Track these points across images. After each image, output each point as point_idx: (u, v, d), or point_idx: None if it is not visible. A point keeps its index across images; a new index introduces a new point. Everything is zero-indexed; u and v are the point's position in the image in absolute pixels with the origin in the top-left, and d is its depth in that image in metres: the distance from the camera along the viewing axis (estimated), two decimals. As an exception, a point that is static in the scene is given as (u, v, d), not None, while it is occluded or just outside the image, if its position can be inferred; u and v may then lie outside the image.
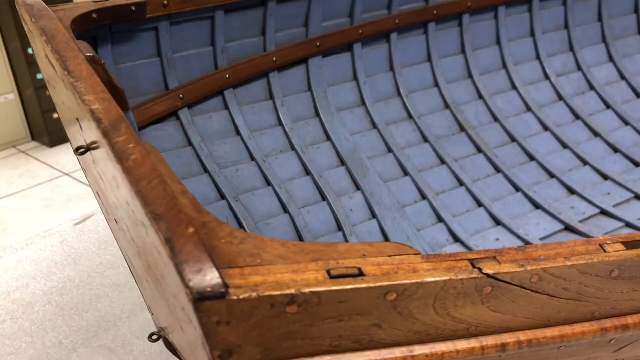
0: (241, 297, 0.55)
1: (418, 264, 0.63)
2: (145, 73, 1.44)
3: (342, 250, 0.63)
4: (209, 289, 0.53)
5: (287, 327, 0.59)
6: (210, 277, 0.54)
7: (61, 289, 1.81)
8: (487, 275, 0.63)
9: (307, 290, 0.57)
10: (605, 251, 0.69)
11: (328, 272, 0.60)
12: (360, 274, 0.60)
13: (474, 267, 0.64)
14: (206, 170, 1.49)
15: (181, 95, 1.48)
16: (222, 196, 1.47)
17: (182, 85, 1.49)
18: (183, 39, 1.49)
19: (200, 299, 0.53)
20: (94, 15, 1.20)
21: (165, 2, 1.35)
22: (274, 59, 1.66)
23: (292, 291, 0.57)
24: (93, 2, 1.23)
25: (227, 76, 1.57)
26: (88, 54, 0.80)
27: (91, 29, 1.25)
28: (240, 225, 1.44)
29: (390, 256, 0.64)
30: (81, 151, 0.86)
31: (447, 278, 0.62)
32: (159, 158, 0.70)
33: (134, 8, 1.28)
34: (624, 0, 2.39)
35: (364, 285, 0.59)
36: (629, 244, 0.71)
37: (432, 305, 0.63)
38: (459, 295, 0.64)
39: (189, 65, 1.52)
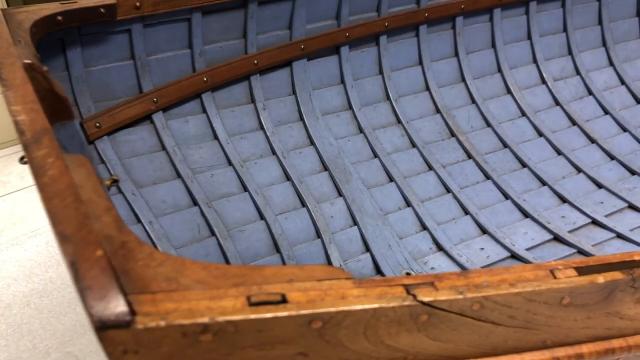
0: (148, 325, 0.52)
1: (347, 290, 0.59)
2: (117, 76, 1.41)
3: (268, 274, 0.60)
4: (112, 317, 0.50)
5: (202, 355, 0.56)
6: (114, 305, 0.51)
7: (41, 291, 1.80)
8: (422, 302, 0.60)
9: (221, 318, 0.54)
10: (555, 277, 0.65)
11: (248, 298, 0.56)
12: (283, 300, 0.57)
13: (408, 293, 0.60)
14: (179, 175, 1.45)
15: (155, 99, 1.45)
16: (195, 202, 1.44)
17: (156, 89, 1.46)
18: (158, 41, 1.45)
19: (103, 328, 0.50)
20: (59, 18, 1.17)
21: (138, 4, 1.32)
22: (255, 61, 1.63)
23: (205, 320, 0.53)
24: (60, 3, 1.20)
25: (205, 79, 1.53)
26: (26, 61, 0.77)
27: (58, 31, 1.22)
28: (212, 233, 1.41)
29: (319, 280, 0.60)
30: (24, 160, 0.83)
31: (377, 306, 0.58)
32: (88, 171, 0.67)
33: (103, 10, 1.25)
34: (625, 3, 2.32)
35: (285, 314, 0.56)
36: (582, 270, 0.67)
37: (362, 333, 0.60)
38: (392, 323, 0.60)
39: (164, 68, 1.48)
